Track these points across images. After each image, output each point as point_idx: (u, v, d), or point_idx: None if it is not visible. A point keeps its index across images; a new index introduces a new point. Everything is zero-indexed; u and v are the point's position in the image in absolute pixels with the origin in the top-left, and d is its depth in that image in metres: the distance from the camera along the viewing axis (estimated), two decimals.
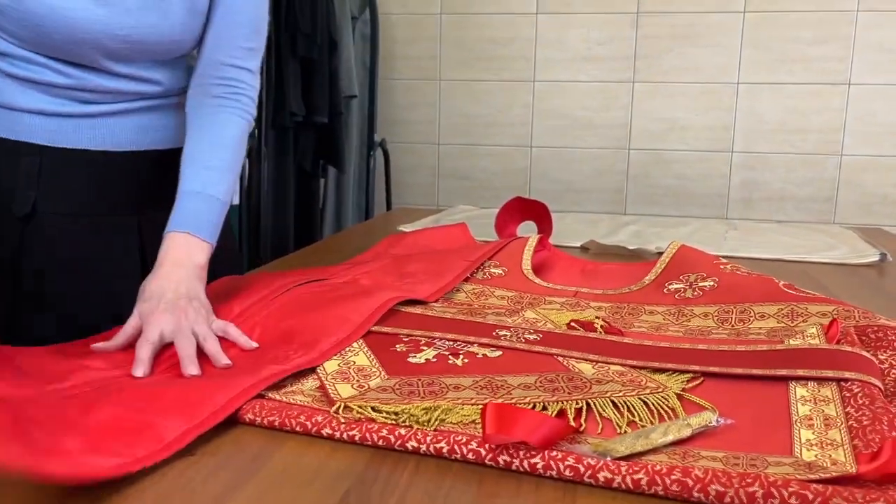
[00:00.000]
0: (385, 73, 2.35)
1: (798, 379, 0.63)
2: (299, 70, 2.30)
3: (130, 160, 0.89)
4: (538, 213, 1.42)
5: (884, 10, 2.00)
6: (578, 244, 1.39)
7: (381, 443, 0.55)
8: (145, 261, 0.92)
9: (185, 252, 0.79)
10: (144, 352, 0.68)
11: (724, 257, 1.28)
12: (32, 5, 0.76)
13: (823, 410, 0.58)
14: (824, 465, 0.50)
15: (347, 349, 0.73)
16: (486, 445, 0.52)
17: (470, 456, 0.52)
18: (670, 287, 0.95)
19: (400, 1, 2.30)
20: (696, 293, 0.92)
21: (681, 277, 0.96)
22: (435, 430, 0.56)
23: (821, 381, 0.63)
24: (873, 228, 1.67)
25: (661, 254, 1.32)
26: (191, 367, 0.67)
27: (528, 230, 1.38)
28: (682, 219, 1.77)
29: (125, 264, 0.91)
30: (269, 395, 0.62)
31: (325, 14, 2.28)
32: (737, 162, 2.15)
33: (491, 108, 2.29)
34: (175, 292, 0.74)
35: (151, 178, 0.92)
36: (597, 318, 0.82)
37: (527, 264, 1.05)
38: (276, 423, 0.58)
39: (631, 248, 1.32)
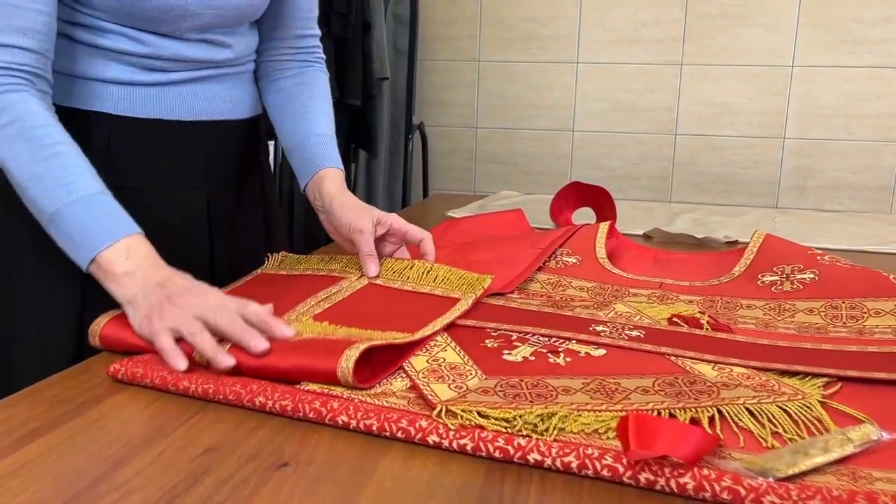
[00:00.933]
0: (422, 54, 2.27)
1: None
2: (333, 50, 2.24)
3: (201, 130, 0.86)
4: (598, 200, 1.35)
5: None
6: (640, 232, 1.32)
7: (497, 454, 0.48)
8: (212, 239, 0.89)
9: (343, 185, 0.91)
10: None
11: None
12: None
13: None
14: None
15: (433, 343, 0.67)
16: (624, 461, 0.46)
17: (605, 472, 0.46)
18: (765, 279, 0.87)
19: None
20: (795, 286, 0.84)
21: (775, 269, 0.89)
22: (555, 440, 0.49)
23: None
24: None
25: (730, 243, 1.26)
26: None
27: (583, 217, 1.31)
28: (740, 207, 1.69)
29: (193, 241, 0.87)
30: (358, 397, 0.56)
31: None
32: (789, 148, 2.06)
33: (531, 90, 2.21)
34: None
35: (219, 152, 0.89)
36: (700, 312, 0.75)
37: (601, 252, 0.98)
38: (374, 428, 0.51)
39: (699, 236, 1.25)
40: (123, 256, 0.66)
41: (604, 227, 1.05)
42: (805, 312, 0.79)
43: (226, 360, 0.59)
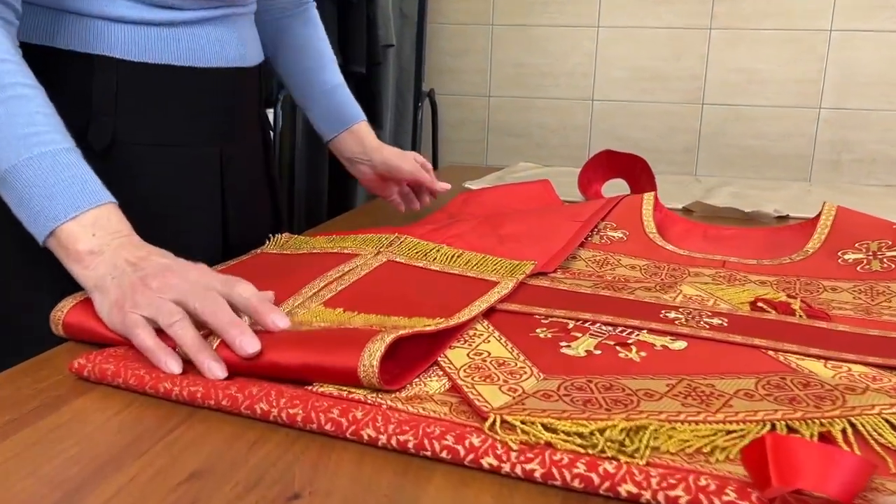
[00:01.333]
0: (431, 18, 2.13)
1: None
2: (336, 15, 2.11)
3: (214, 79, 0.76)
4: (634, 170, 1.23)
5: None
6: (679, 206, 1.20)
7: (577, 483, 0.37)
8: (224, 203, 0.80)
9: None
10: None
11: None
12: None
13: None
14: None
15: (472, 332, 0.55)
16: (754, 497, 0.34)
17: None
18: (846, 258, 0.75)
19: None
20: (885, 265, 0.72)
21: (857, 245, 0.77)
22: (649, 463, 0.37)
23: None
24: None
25: (781, 218, 1.14)
26: None
27: (615, 190, 1.19)
28: (778, 181, 1.57)
29: (205, 206, 0.78)
30: (388, 402, 0.44)
31: None
32: (825, 119, 1.93)
33: (548, 56, 2.07)
34: None
35: (233, 104, 0.80)
36: (789, 296, 0.63)
37: (650, 226, 0.86)
38: (411, 445, 0.40)
39: (747, 210, 1.13)
40: (89, 232, 0.54)
41: (649, 197, 0.93)
42: None
43: (213, 367, 0.47)
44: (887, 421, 0.42)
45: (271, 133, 1.10)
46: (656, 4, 1.97)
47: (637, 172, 1.19)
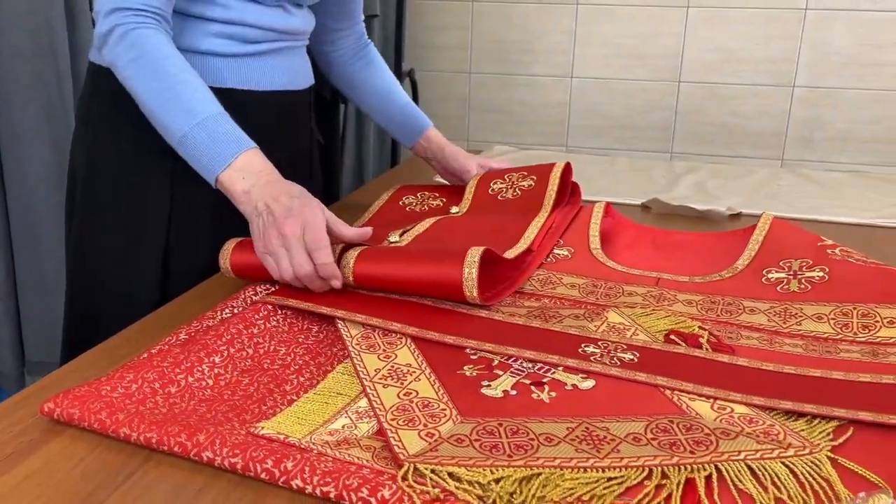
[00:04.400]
0: None
1: None
2: None
3: (268, 100, 0.95)
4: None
5: None
6: (639, 202, 1.24)
7: None
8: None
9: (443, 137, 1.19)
10: None
11: (802, 219, 1.15)
12: None
13: None
14: None
15: (407, 373, 0.61)
16: None
17: None
18: (770, 276, 0.81)
19: None
20: (802, 286, 0.78)
21: (781, 264, 0.82)
22: None
23: None
24: None
25: (734, 216, 1.19)
26: None
27: None
28: (742, 166, 1.61)
29: None
30: (319, 448, 0.50)
31: None
32: (798, 97, 1.95)
33: (528, 33, 2.08)
34: None
35: (288, 121, 1.01)
36: (700, 327, 0.69)
37: (595, 242, 0.92)
38: (333, 496, 0.46)
39: (700, 208, 1.18)
40: (240, 175, 0.76)
41: (599, 208, 0.98)
42: (813, 319, 0.73)
43: (321, 285, 0.72)
44: (748, 466, 0.48)
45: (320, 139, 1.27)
46: None
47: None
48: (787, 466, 0.48)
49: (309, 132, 1.11)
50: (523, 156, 1.64)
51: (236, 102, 0.85)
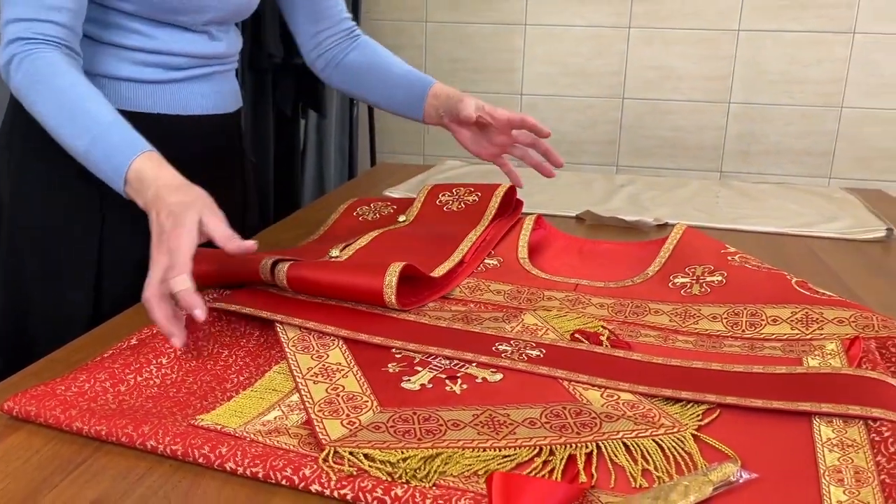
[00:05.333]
0: (369, 14, 2.21)
1: (823, 415, 0.59)
2: (278, 10, 2.17)
3: (194, 124, 0.98)
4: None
5: None
6: (573, 214, 1.33)
7: None
8: None
9: None
10: None
11: (728, 230, 1.24)
12: None
13: (853, 460, 0.54)
14: None
15: (336, 370, 0.68)
16: None
17: None
18: (676, 281, 0.90)
19: None
20: (703, 289, 0.87)
21: (687, 270, 0.91)
22: (435, 485, 0.51)
23: (847, 418, 0.58)
24: (874, 191, 1.62)
25: (661, 226, 1.28)
26: None
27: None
28: (678, 179, 1.71)
29: None
30: (252, 436, 0.57)
31: None
32: (734, 113, 2.07)
33: (480, 52, 2.17)
34: None
35: (208, 145, 1.01)
36: (603, 327, 0.77)
37: (523, 252, 1.00)
38: (261, 476, 0.53)
39: (628, 219, 1.27)
40: (135, 190, 0.76)
41: (529, 222, 1.06)
42: (709, 319, 0.81)
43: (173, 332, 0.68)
44: (624, 444, 0.56)
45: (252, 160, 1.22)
46: (579, 4, 2.08)
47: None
48: (656, 443, 0.56)
49: (239, 154, 1.12)
50: (473, 170, 1.72)
51: (162, 127, 0.87)
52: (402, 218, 1.12)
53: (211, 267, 0.83)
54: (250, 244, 0.74)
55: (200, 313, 0.67)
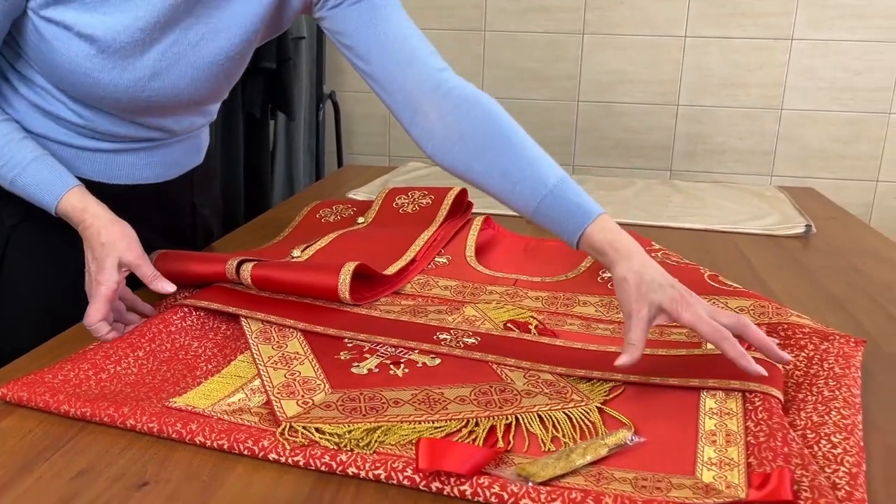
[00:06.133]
0: None
1: (709, 389, 0.69)
2: None
3: (136, 191, 0.95)
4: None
5: None
6: None
7: (323, 468, 0.59)
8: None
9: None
10: None
11: (662, 227, 1.35)
12: (59, 59, 0.80)
13: (727, 425, 0.64)
14: (719, 488, 0.56)
15: (294, 358, 0.77)
16: (420, 473, 0.57)
17: (405, 482, 0.57)
18: (604, 276, 1.00)
19: None
20: None
21: None
22: (374, 452, 0.60)
23: (728, 391, 0.69)
24: (806, 189, 1.74)
25: None
26: None
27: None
28: (626, 179, 1.82)
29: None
30: (218, 415, 0.66)
31: None
32: (682, 115, 2.19)
33: (442, 57, 2.26)
34: None
35: (151, 205, 0.97)
36: (532, 317, 0.86)
37: (470, 251, 1.09)
38: (226, 447, 0.62)
39: None
40: (68, 216, 0.81)
41: (478, 222, 1.16)
42: None
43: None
44: (538, 415, 0.65)
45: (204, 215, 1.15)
46: (536, 12, 2.18)
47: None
48: (566, 414, 0.66)
49: (189, 208, 1.06)
50: (435, 171, 1.82)
51: (98, 192, 0.83)
52: (360, 220, 1.21)
53: (181, 266, 0.92)
54: (170, 289, 0.82)
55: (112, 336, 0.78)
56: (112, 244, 0.79)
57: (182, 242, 1.05)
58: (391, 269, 0.98)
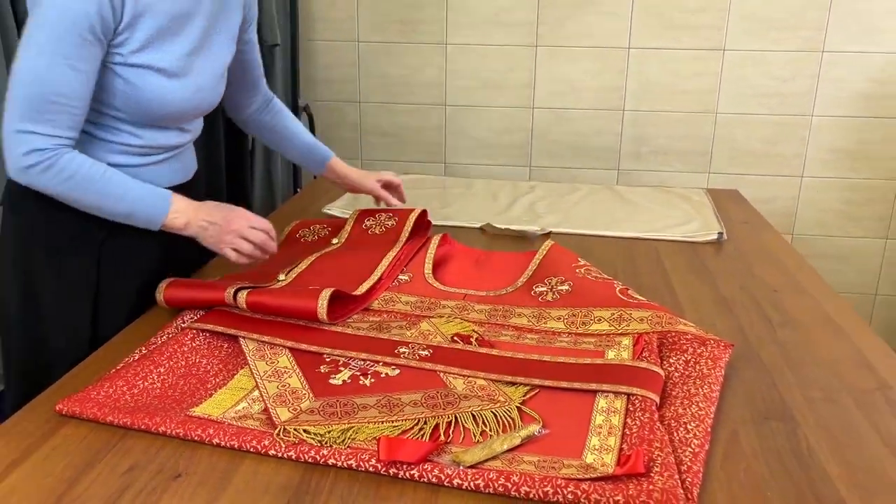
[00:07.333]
0: (306, 35, 2.46)
1: (603, 392, 0.91)
2: None
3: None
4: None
5: None
6: (478, 225, 1.63)
7: (310, 461, 0.80)
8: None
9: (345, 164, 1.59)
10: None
11: (597, 236, 1.56)
12: (147, 93, 1.10)
13: (611, 420, 0.86)
14: (596, 466, 0.78)
15: (284, 372, 0.97)
16: (381, 463, 0.78)
17: (371, 469, 0.78)
18: (536, 290, 1.21)
19: None
20: (554, 296, 1.18)
21: (545, 280, 1.22)
22: (348, 447, 0.81)
23: (617, 393, 0.90)
24: (731, 191, 1.97)
25: (545, 234, 1.59)
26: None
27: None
28: (571, 185, 2.02)
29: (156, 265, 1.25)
30: (229, 421, 0.86)
31: None
32: (627, 119, 2.39)
33: (407, 68, 2.44)
34: None
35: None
36: (474, 330, 1.07)
37: (428, 268, 1.30)
38: (236, 446, 0.82)
39: (518, 229, 1.57)
40: (174, 216, 1.12)
41: (435, 241, 1.36)
42: (554, 319, 1.13)
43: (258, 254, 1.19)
44: (472, 414, 0.87)
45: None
46: (493, 26, 2.36)
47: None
48: (493, 413, 0.87)
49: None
50: (405, 179, 2.01)
51: None
52: (335, 240, 1.41)
53: (188, 294, 1.11)
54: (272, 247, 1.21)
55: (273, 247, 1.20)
56: (225, 207, 1.17)
57: (185, 240, 1.24)
58: (361, 289, 1.19)
